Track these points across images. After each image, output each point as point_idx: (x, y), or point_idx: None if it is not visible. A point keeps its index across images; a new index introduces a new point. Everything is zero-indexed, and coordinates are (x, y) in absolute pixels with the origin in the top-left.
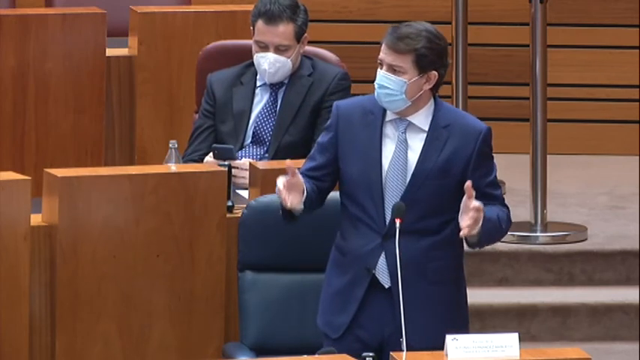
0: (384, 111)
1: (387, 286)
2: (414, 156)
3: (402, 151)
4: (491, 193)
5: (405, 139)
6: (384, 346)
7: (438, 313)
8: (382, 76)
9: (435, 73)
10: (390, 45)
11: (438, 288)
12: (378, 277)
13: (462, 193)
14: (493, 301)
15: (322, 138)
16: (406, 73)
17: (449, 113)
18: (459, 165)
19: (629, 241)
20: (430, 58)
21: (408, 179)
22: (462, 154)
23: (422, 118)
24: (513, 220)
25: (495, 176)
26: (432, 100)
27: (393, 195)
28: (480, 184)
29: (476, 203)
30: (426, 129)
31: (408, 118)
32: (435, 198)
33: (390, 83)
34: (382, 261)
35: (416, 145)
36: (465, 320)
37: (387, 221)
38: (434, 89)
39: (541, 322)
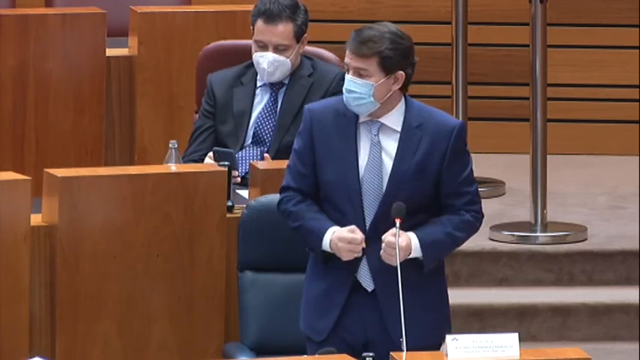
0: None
1: (369, 290)
2: (389, 158)
3: (376, 154)
4: (462, 190)
5: (379, 142)
6: (368, 348)
7: (418, 314)
8: (349, 80)
9: (401, 73)
10: (353, 50)
11: (416, 289)
12: (360, 281)
13: (437, 193)
14: (493, 301)
15: (298, 145)
16: (372, 76)
17: (421, 112)
18: (433, 164)
19: (629, 241)
20: (395, 59)
21: (385, 182)
22: (436, 153)
23: (394, 119)
24: (513, 220)
25: (471, 171)
26: (402, 100)
27: (371, 199)
28: (453, 182)
29: (389, 238)
30: (399, 129)
31: (380, 120)
32: (412, 200)
33: (357, 87)
34: (364, 264)
35: (390, 146)
36: (447, 320)
37: (367, 225)
38: (403, 89)
39: (541, 322)
